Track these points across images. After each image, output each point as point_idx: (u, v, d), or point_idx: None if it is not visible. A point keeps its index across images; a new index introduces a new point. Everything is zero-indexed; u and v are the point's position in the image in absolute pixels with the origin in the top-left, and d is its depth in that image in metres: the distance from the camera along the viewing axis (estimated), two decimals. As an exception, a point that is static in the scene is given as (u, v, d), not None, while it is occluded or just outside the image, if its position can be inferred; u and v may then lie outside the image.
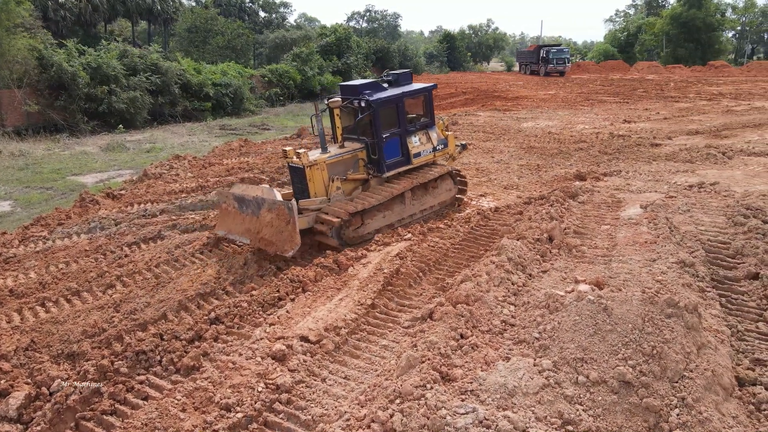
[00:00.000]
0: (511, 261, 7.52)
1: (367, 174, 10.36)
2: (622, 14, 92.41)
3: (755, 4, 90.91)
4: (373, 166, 10.32)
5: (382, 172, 10.27)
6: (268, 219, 9.05)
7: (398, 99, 10.26)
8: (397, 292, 7.57)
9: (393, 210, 10.25)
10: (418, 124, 10.89)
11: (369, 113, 9.84)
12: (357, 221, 9.68)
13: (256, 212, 9.33)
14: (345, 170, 10.18)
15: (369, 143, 10.22)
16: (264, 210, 9.15)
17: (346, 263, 8.26)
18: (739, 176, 12.35)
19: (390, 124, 10.30)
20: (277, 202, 8.97)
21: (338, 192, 9.93)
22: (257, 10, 68.30)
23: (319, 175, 9.73)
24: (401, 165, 10.57)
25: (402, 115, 10.40)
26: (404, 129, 10.50)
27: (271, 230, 8.93)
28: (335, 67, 49.12)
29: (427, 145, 10.97)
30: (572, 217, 9.55)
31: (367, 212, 9.76)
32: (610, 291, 6.34)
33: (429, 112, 11.08)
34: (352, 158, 10.27)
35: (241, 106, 36.31)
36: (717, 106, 25.51)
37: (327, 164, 9.84)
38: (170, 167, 16.90)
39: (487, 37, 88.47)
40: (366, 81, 10.91)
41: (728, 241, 8.56)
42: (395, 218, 10.32)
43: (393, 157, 10.40)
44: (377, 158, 10.20)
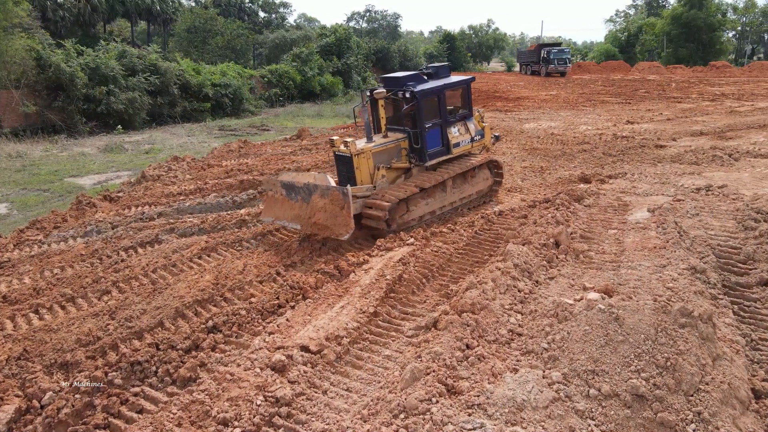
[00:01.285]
0: (518, 267, 7.32)
1: (410, 163, 10.76)
2: (623, 14, 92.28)
3: (755, 4, 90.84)
4: (415, 155, 10.71)
5: (424, 161, 10.65)
6: (321, 204, 9.40)
7: (440, 90, 10.67)
8: (399, 300, 7.36)
9: (435, 197, 10.70)
10: (457, 115, 11.31)
11: (413, 104, 10.14)
12: (402, 208, 10.09)
13: (306, 198, 9.70)
14: (389, 159, 10.57)
15: (411, 133, 10.56)
16: (316, 196, 9.52)
17: (348, 269, 8.05)
18: (747, 178, 12.14)
19: (432, 114, 10.67)
20: (331, 188, 9.37)
21: (383, 180, 10.33)
22: (257, 10, 68.09)
23: (366, 164, 10.10)
24: (442, 154, 10.98)
25: (443, 106, 10.81)
26: (445, 119, 10.92)
27: (324, 215, 9.30)
28: (335, 67, 48.89)
29: (465, 135, 11.41)
30: (578, 221, 9.34)
31: (412, 199, 10.18)
32: (621, 300, 6.14)
33: (467, 104, 11.52)
34: (395, 147, 10.65)
35: (241, 106, 36.10)
36: (720, 107, 25.31)
37: (373, 153, 10.21)
38: (169, 169, 16.69)
39: (488, 38, 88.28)
40: (408, 73, 11.21)
41: (739, 246, 8.35)
42: (437, 205, 10.74)
43: (434, 146, 10.79)
44: (419, 147, 10.58)
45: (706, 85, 37.13)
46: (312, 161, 16.32)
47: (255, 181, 13.98)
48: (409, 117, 10.51)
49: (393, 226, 9.85)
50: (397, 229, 9.91)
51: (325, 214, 9.27)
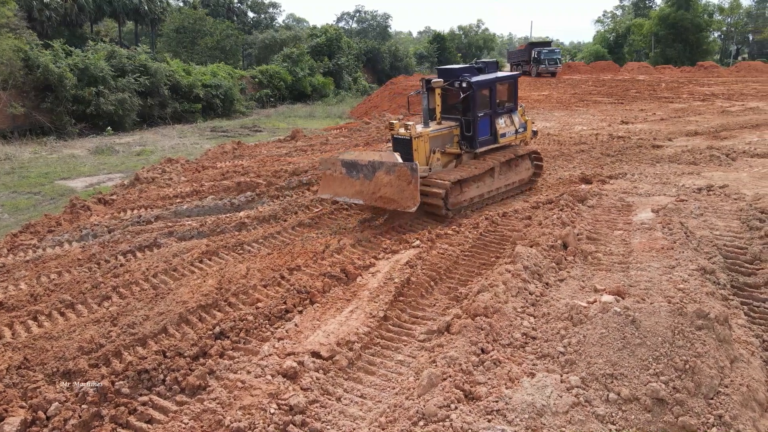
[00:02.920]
0: (527, 270, 7.26)
1: (460, 149, 11.59)
2: (610, 15, 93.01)
3: (740, 5, 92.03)
4: (466, 142, 11.54)
5: (475, 147, 11.46)
6: (386, 180, 10.11)
7: (492, 83, 11.50)
8: (409, 303, 7.26)
9: (485, 182, 11.48)
10: (504, 108, 12.04)
11: (469, 93, 10.94)
12: (457, 190, 10.83)
13: (369, 176, 10.42)
14: (443, 144, 11.37)
15: (463, 121, 11.35)
16: (381, 172, 10.22)
17: (355, 272, 7.94)
18: (746, 178, 12.20)
19: (483, 105, 11.42)
20: (398, 164, 10.08)
21: (438, 163, 11.13)
22: (246, 10, 67.63)
23: (423, 147, 10.84)
24: (490, 143, 11.77)
25: (493, 98, 11.60)
26: (494, 111, 11.70)
27: (391, 189, 10.00)
28: (326, 68, 48.71)
29: (510, 127, 12.16)
30: (583, 222, 9.31)
31: (465, 182, 10.96)
32: (636, 302, 6.09)
33: (513, 98, 12.30)
34: (449, 134, 11.45)
35: (232, 107, 35.81)
36: (711, 107, 25.52)
37: (430, 137, 10.99)
38: (163, 171, 16.46)
39: (477, 38, 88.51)
40: (463, 65, 12.14)
41: (745, 246, 8.37)
42: (486, 189, 11.54)
43: (484, 135, 11.58)
44: (471, 135, 11.36)
45: (696, 85, 37.46)
46: (309, 162, 16.18)
47: (252, 182, 13.82)
48: (462, 106, 11.23)
49: (448, 204, 10.62)
50: (452, 209, 10.75)
51: (392, 188, 9.97)
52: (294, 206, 11.87)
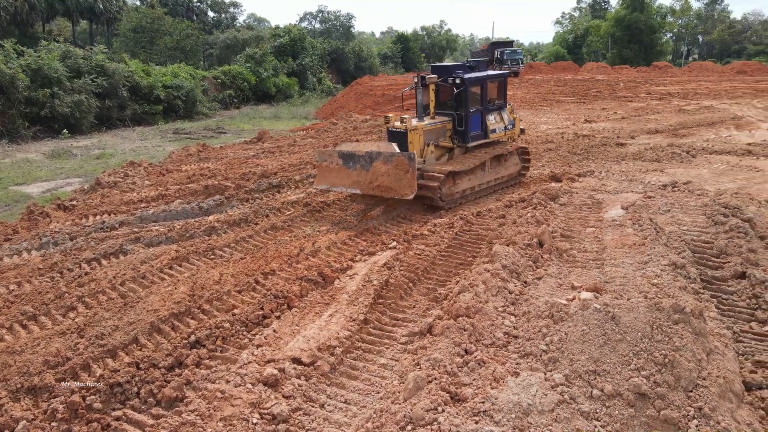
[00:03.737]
0: (506, 268, 7.29)
1: (453, 143, 12.02)
2: (568, 16, 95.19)
3: (690, 7, 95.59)
4: (458, 137, 11.98)
5: (467, 142, 11.94)
6: (384, 170, 10.55)
7: (484, 80, 11.93)
8: (389, 305, 7.19)
9: (476, 175, 11.93)
10: (495, 105, 12.47)
11: (462, 89, 11.38)
12: (450, 181, 11.25)
13: (366, 166, 10.84)
14: (437, 138, 11.81)
15: (456, 116, 11.79)
16: (378, 162, 10.63)
17: (332, 276, 7.82)
18: (707, 174, 12.62)
19: (474, 101, 11.85)
20: (395, 154, 10.50)
21: (431, 156, 11.59)
22: (206, 9, 66.34)
23: (418, 139, 11.25)
24: (480, 138, 12.23)
25: (485, 95, 12.00)
26: (485, 107, 12.12)
27: (388, 178, 10.47)
28: (290, 68, 48.21)
29: (500, 124, 12.63)
30: (557, 219, 9.43)
31: (458, 174, 11.37)
32: (615, 298, 6.18)
33: (503, 96, 12.73)
34: (442, 128, 11.89)
35: (194, 109, 35.02)
36: (669, 106, 26.36)
37: (424, 131, 11.41)
38: (125, 175, 15.93)
39: (440, 38, 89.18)
40: (456, 63, 12.62)
41: (711, 240, 8.62)
42: (477, 182, 12.00)
43: (475, 130, 12.03)
44: (463, 130, 11.80)
45: (652, 84, 38.64)
46: (278, 164, 15.93)
47: (221, 186, 13.50)
48: (455, 102, 11.63)
49: (443, 196, 11.07)
50: (446, 200, 11.15)
51: (389, 177, 10.43)
52: (265, 209, 11.65)
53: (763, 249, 8.24)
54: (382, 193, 10.61)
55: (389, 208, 11.29)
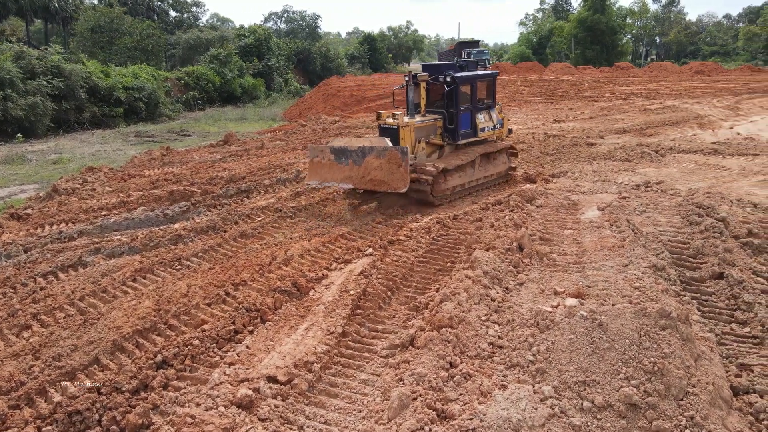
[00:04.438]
0: (487, 275, 7.08)
1: (443, 141, 12.08)
2: (532, 17, 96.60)
3: (648, 9, 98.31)
4: (448, 135, 12.06)
5: (456, 140, 12.05)
6: (376, 164, 10.65)
7: (474, 79, 12.05)
8: (367, 316, 6.90)
9: (466, 172, 12.02)
10: (484, 104, 12.60)
11: (453, 87, 11.49)
12: (441, 178, 11.36)
13: (358, 161, 10.93)
14: (427, 135, 11.85)
15: (446, 114, 11.87)
16: (371, 157, 10.74)
17: (307, 286, 7.47)
18: (677, 174, 12.74)
19: (465, 100, 11.95)
20: (388, 148, 10.63)
21: (422, 152, 11.62)
22: (167, 9, 64.71)
23: (409, 136, 11.28)
24: (470, 136, 12.33)
25: (475, 94, 12.12)
26: (475, 106, 12.24)
27: (381, 173, 10.58)
28: (256, 69, 47.38)
29: (489, 122, 12.76)
30: (534, 222, 9.30)
31: (449, 171, 11.46)
32: (601, 305, 6.04)
33: (492, 96, 12.89)
34: (432, 126, 11.96)
35: (157, 111, 34.02)
36: (633, 105, 26.81)
37: (416, 127, 11.46)
38: (84, 181, 15.20)
39: (407, 39, 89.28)
40: (447, 62, 12.58)
41: (687, 240, 8.61)
42: (467, 179, 12.11)
43: (465, 128, 12.15)
44: (453, 128, 11.91)
45: (615, 84, 39.38)
46: (246, 168, 15.45)
47: (186, 191, 12.98)
48: (446, 100, 11.76)
49: (434, 192, 11.17)
50: (436, 195, 11.26)
51: (382, 171, 10.54)
52: (234, 215, 11.20)
53: (738, 249, 8.26)
54: (375, 187, 10.71)
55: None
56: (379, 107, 32.44)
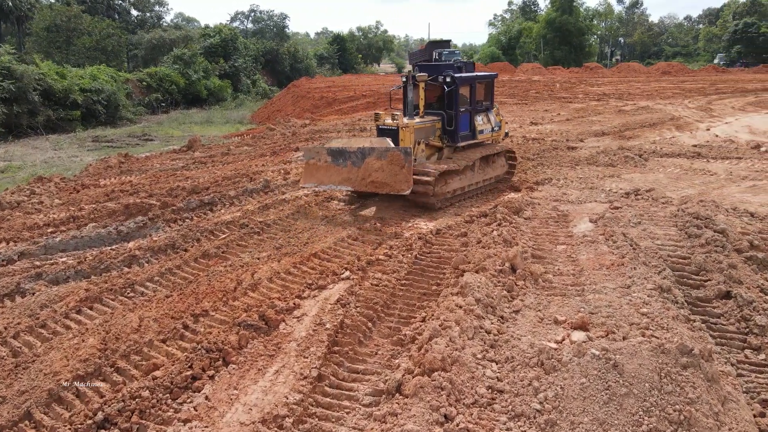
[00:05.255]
0: (480, 302, 6.33)
1: (442, 143, 11.81)
2: (500, 18, 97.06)
3: (612, 11, 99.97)
4: (447, 137, 11.82)
5: (456, 142, 11.80)
6: (378, 165, 10.40)
7: (473, 80, 11.83)
8: (346, 354, 6.06)
9: (466, 175, 11.71)
10: (482, 106, 12.35)
11: (452, 88, 11.26)
12: (442, 180, 11.05)
13: (358, 162, 10.68)
14: (427, 137, 11.56)
15: (445, 115, 11.62)
16: (372, 158, 10.48)
17: (276, 319, 6.58)
18: (665, 180, 12.26)
19: (464, 101, 11.72)
20: (390, 149, 10.38)
21: (422, 154, 11.35)
22: (128, 8, 62.46)
23: (409, 137, 11.00)
24: (469, 138, 12.07)
25: (474, 95, 11.90)
26: (474, 108, 12.02)
27: (383, 174, 10.33)
28: (222, 70, 45.93)
29: (487, 125, 12.49)
30: (524, 237, 8.60)
31: (450, 174, 11.17)
32: (613, 340, 5.33)
33: (490, 97, 12.62)
34: (432, 127, 11.69)
35: (117, 114, 32.46)
36: (608, 107, 26.59)
37: (415, 128, 11.17)
38: (31, 193, 13.93)
39: (377, 39, 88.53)
40: (444, 63, 12.27)
41: (687, 255, 8.03)
42: (466, 182, 11.79)
43: (464, 130, 11.89)
44: (452, 130, 11.67)
45: (587, 85, 39.38)
46: (210, 177, 14.40)
47: (144, 204, 11.89)
48: (446, 100, 11.50)
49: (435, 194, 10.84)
50: (437, 197, 10.94)
51: (384, 173, 10.30)
52: (195, 232, 10.21)
53: (742, 264, 7.71)
54: (376, 189, 10.49)
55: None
56: (350, 109, 31.60)
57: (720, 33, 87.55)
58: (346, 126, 23.35)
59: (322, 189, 11.56)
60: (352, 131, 21.61)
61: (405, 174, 10.11)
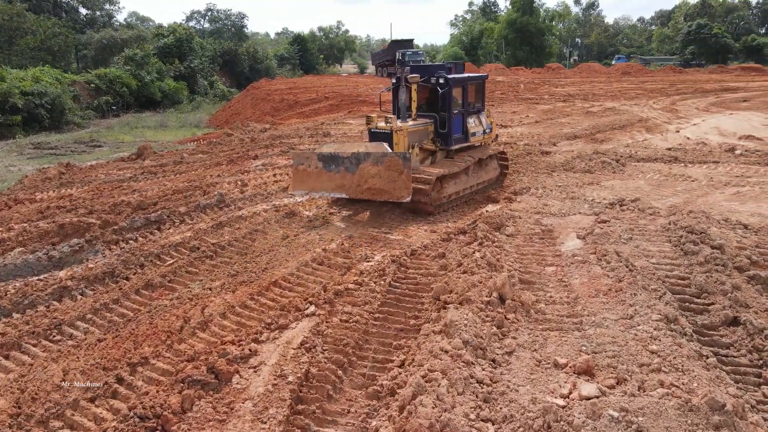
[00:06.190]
0: (468, 345, 5.44)
1: (435, 146, 11.50)
2: (461, 19, 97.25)
3: (570, 12, 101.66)
4: (440, 140, 11.51)
5: (449, 145, 11.50)
6: (374, 171, 10.07)
7: (465, 81, 11.58)
8: (312, 414, 5.07)
9: (461, 179, 11.42)
10: (474, 108, 12.08)
11: (446, 90, 10.98)
12: (438, 185, 10.73)
13: (352, 168, 10.32)
14: (420, 140, 11.21)
15: (438, 118, 11.33)
16: (367, 164, 10.14)
17: (229, 371, 5.53)
18: (646, 187, 11.70)
19: (456, 103, 11.41)
20: (388, 154, 10.06)
21: (416, 158, 10.80)
22: (77, 6, 59.51)
23: (403, 141, 10.65)
24: (462, 141, 11.79)
25: (466, 97, 11.60)
26: (466, 110, 11.74)
27: (380, 180, 9.99)
28: (177, 71, 43.99)
29: (479, 127, 12.22)
30: (509, 258, 7.77)
31: (445, 178, 10.87)
32: (631, 396, 4.51)
33: (481, 99, 12.39)
34: (425, 130, 11.34)
35: (63, 118, 30.42)
36: (574, 108, 26.30)
37: (409, 132, 10.81)
38: (-46, 211, 12.38)
39: (338, 39, 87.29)
40: (435, 63, 12.17)
41: (686, 275, 7.36)
42: (461, 186, 11.46)
43: (457, 133, 11.61)
44: (445, 132, 11.38)
45: (551, 86, 39.30)
46: (159, 190, 13.13)
47: (81, 223, 10.57)
48: (440, 102, 11.17)
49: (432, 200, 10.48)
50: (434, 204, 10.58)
51: (381, 179, 9.95)
52: (139, 256, 9.01)
53: (746, 284, 7.08)
54: (373, 196, 10.15)
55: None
56: (312, 112, 30.49)
57: (672, 34, 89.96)
58: (308, 130, 22.25)
59: (313, 196, 11.19)
60: (314, 136, 20.54)
61: (404, 180, 9.77)
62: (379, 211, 10.92)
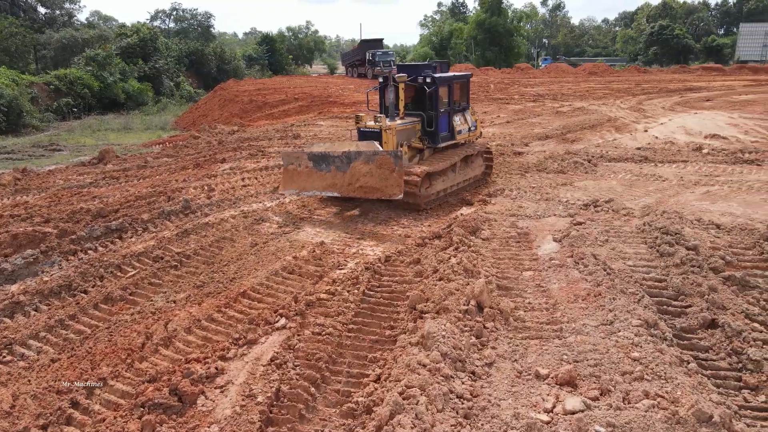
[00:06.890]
0: (447, 357, 5.21)
1: (422, 144, 11.63)
2: (431, 19, 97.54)
3: (537, 13, 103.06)
4: (427, 138, 11.66)
5: (437, 143, 11.69)
6: (365, 170, 10.15)
7: (451, 80, 11.80)
8: (284, 438, 4.76)
9: (448, 176, 11.63)
10: (460, 106, 12.30)
11: (432, 89, 11.14)
12: (426, 182, 10.86)
13: (343, 167, 10.39)
14: (408, 138, 11.45)
15: (425, 116, 11.51)
16: (359, 162, 10.22)
17: (193, 392, 5.17)
18: (618, 187, 11.71)
19: (442, 102, 11.58)
20: (379, 152, 10.17)
21: (405, 156, 10.85)
22: (35, 5, 57.49)
23: (392, 139, 10.84)
24: (448, 139, 11.99)
25: (452, 96, 11.84)
26: (452, 108, 11.96)
27: (372, 179, 10.09)
28: (142, 71, 42.84)
29: (464, 125, 12.44)
30: (486, 263, 7.59)
31: (433, 175, 11.05)
32: (617, 410, 4.35)
33: (466, 97, 12.64)
34: (413, 129, 11.56)
35: (20, 121, 29.25)
36: (544, 108, 26.45)
37: (397, 130, 11.02)
38: None
39: (307, 39, 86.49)
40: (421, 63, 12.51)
41: (662, 277, 7.29)
42: (449, 184, 11.66)
43: (444, 131, 11.81)
44: (432, 131, 11.55)
45: (520, 86, 39.56)
46: (121, 196, 12.58)
47: (36, 233, 9.98)
48: (427, 101, 11.30)
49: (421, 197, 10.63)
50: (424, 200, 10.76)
51: (373, 178, 10.05)
52: (98, 268, 8.53)
53: (722, 285, 7.04)
54: (365, 194, 10.22)
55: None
56: (282, 114, 29.98)
57: (636, 35, 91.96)
58: (278, 132, 21.80)
59: (304, 195, 11.27)
60: (284, 138, 20.11)
61: (396, 178, 9.88)
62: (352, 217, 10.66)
